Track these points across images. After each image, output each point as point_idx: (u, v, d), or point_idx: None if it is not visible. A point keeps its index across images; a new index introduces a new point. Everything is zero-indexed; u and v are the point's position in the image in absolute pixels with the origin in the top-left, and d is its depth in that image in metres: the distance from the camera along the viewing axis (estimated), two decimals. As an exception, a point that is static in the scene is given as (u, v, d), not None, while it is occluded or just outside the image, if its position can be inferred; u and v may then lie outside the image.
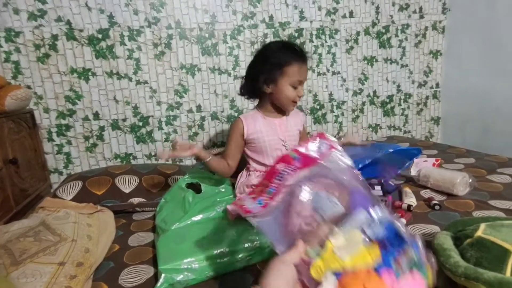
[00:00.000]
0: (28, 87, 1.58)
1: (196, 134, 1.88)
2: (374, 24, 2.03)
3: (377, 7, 2.01)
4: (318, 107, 2.05)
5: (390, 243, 0.40)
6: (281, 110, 1.19)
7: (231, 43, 1.82)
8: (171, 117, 1.82)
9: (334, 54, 2.00)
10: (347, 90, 2.08)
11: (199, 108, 1.85)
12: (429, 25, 2.13)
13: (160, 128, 1.81)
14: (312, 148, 0.51)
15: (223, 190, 1.15)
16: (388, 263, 0.39)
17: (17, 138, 1.37)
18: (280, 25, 1.87)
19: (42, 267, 0.76)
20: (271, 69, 1.09)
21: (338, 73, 2.04)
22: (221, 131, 1.92)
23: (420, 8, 2.09)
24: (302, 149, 0.52)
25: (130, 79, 1.72)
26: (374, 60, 2.08)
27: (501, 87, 1.86)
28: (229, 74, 1.85)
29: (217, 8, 1.76)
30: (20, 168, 1.35)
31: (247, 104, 1.90)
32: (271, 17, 1.85)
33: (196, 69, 1.80)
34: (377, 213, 0.43)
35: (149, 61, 1.73)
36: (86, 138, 1.72)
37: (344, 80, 2.06)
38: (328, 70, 2.02)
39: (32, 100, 1.59)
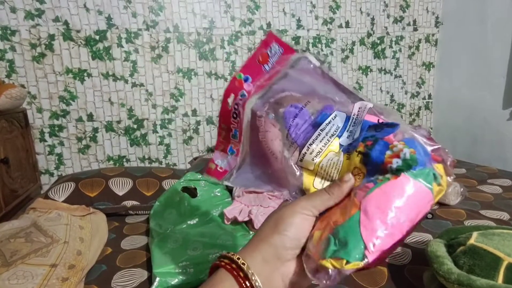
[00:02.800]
0: (22, 86, 1.57)
1: (191, 138, 1.87)
2: (369, 35, 2.07)
3: (373, 19, 2.06)
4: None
5: (371, 150, 0.28)
6: None
7: (229, 48, 1.83)
8: (166, 121, 1.81)
9: (330, 63, 2.03)
10: (341, 98, 2.11)
11: (194, 112, 1.85)
12: (422, 37, 2.18)
13: (155, 131, 1.80)
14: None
15: (219, 194, 1.15)
16: (368, 180, 0.27)
17: (9, 138, 1.34)
18: (277, 33, 1.89)
19: (34, 269, 0.74)
20: None
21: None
22: (216, 136, 1.91)
23: (414, 21, 2.14)
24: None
25: (126, 81, 1.71)
26: (368, 70, 2.12)
27: (489, 99, 1.91)
28: (226, 79, 1.86)
29: (216, 14, 1.78)
30: (11, 168, 1.32)
31: (243, 110, 1.91)
32: (268, 24, 1.87)
33: (192, 73, 1.81)
34: (357, 115, 0.31)
35: (146, 63, 1.73)
36: (79, 140, 1.70)
37: (339, 89, 2.09)
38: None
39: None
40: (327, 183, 0.31)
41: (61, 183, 1.28)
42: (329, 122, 0.31)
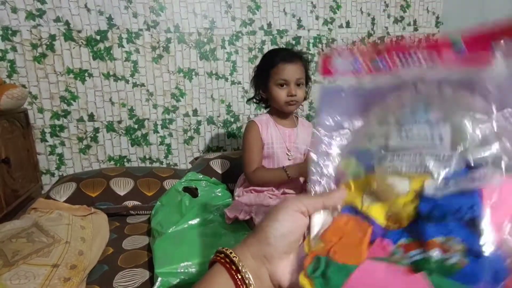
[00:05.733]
0: (23, 86, 1.56)
1: (191, 138, 1.87)
2: (369, 35, 2.07)
3: (373, 19, 2.06)
4: (314, 114, 2.07)
5: (436, 220, 0.22)
6: (292, 119, 1.20)
7: (229, 48, 1.83)
8: (167, 121, 1.81)
9: (330, 63, 2.03)
10: (342, 98, 2.11)
11: (195, 112, 1.85)
12: (422, 37, 2.18)
13: (156, 131, 1.80)
14: None
15: (220, 194, 1.15)
16: (396, 237, 0.24)
17: (10, 138, 1.34)
18: (278, 33, 1.89)
19: (36, 269, 0.74)
20: (261, 75, 1.13)
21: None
22: (217, 135, 1.92)
23: (414, 21, 2.14)
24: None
25: (127, 81, 1.71)
26: (369, 70, 2.12)
27: (491, 99, 1.91)
28: (226, 80, 1.86)
29: (216, 14, 1.78)
30: (12, 168, 1.32)
31: (244, 110, 1.91)
32: (269, 25, 1.87)
33: (193, 73, 1.81)
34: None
35: (146, 64, 1.73)
36: (80, 140, 1.70)
37: (340, 89, 2.09)
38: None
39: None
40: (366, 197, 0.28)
41: (63, 183, 1.28)
42: (443, 158, 0.24)
